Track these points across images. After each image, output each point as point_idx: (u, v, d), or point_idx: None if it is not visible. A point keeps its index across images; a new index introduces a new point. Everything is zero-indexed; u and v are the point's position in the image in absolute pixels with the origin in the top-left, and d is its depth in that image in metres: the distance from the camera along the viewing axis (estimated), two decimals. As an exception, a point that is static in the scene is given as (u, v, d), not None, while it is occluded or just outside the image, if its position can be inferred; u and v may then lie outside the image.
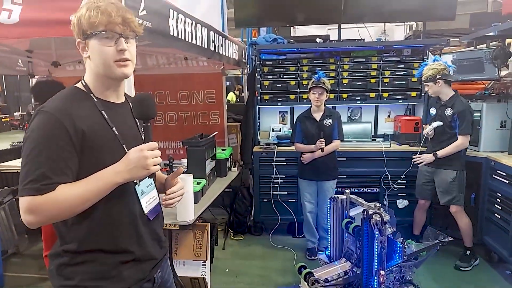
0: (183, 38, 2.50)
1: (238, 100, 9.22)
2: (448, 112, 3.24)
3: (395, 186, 3.96)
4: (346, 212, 2.55)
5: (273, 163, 4.03)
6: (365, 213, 2.16)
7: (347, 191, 2.56)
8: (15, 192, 3.74)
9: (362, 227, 2.21)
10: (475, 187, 3.57)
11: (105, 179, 1.11)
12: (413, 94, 4.08)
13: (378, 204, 2.23)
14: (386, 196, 3.83)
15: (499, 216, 3.24)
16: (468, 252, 3.34)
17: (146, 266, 1.29)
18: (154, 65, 4.59)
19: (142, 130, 1.25)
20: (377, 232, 2.10)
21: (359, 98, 4.16)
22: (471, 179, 3.44)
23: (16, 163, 4.12)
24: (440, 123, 3.27)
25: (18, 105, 15.78)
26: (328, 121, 3.42)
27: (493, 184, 3.36)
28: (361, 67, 4.10)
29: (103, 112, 1.20)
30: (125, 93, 1.36)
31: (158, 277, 1.36)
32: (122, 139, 1.22)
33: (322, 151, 3.32)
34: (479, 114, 3.67)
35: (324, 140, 3.30)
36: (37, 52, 3.88)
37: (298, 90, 4.19)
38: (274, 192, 4.09)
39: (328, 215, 2.67)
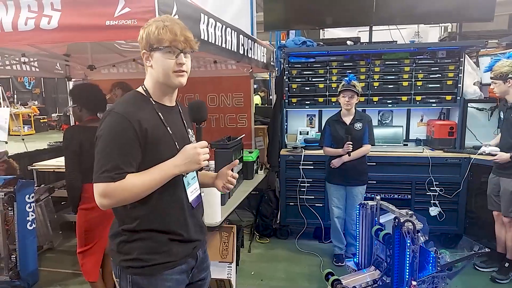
0: (213, 42, 2.52)
1: (267, 103, 9.21)
2: None
3: (427, 193, 3.82)
4: (376, 219, 2.49)
5: (300, 167, 3.99)
6: (397, 220, 2.09)
7: (378, 197, 2.49)
8: (51, 190, 3.90)
9: (393, 235, 2.14)
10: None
11: (165, 170, 1.32)
12: (448, 97, 3.92)
13: (410, 212, 2.16)
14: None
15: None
16: (507, 264, 3.16)
17: (191, 245, 1.48)
18: (184, 68, 4.67)
19: (194, 131, 1.49)
20: (409, 241, 2.03)
21: (390, 101, 4.05)
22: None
23: (53, 163, 4.31)
24: (496, 149, 3.09)
25: (56, 106, 16.51)
26: (358, 125, 3.35)
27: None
28: (393, 69, 3.99)
29: (160, 114, 1.38)
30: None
31: (199, 255, 1.55)
32: (174, 137, 1.40)
33: (349, 155, 3.25)
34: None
35: (352, 143, 3.23)
36: (74, 56, 4.05)
37: (327, 93, 4.14)
38: (300, 196, 4.05)
39: (357, 221, 2.61)
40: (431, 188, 3.80)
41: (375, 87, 4.05)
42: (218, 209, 2.61)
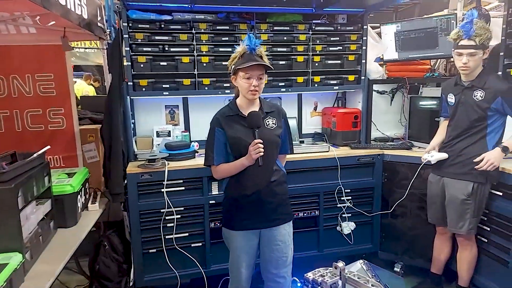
0: None
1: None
2: (478, 95, 2.21)
3: (338, 205, 2.86)
4: (338, 307, 1.23)
5: (164, 190, 2.47)
6: None
7: (340, 264, 1.24)
8: None
9: None
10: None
11: None
12: (351, 77, 3.03)
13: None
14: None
15: (486, 240, 2.39)
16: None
17: None
18: None
19: None
20: None
21: (283, 84, 2.91)
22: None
23: None
24: (445, 155, 2.34)
25: None
26: (271, 121, 1.94)
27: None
28: (285, 38, 2.85)
29: None
30: None
31: None
32: None
33: (260, 163, 1.77)
34: (435, 103, 2.86)
35: (262, 142, 1.79)
36: None
37: (195, 72, 2.70)
38: (167, 236, 2.54)
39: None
40: (341, 198, 2.86)
41: (262, 64, 2.83)
42: None
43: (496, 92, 2.16)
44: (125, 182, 2.49)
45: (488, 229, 2.36)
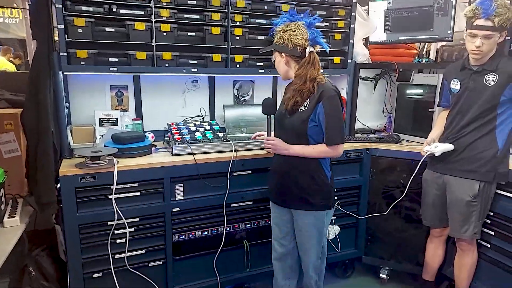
0: None
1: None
2: (491, 79, 1.92)
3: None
4: None
5: (112, 196, 1.88)
6: None
7: None
8: None
9: None
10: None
11: None
12: (336, 60, 2.62)
13: None
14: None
15: (489, 246, 2.16)
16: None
17: None
18: None
19: None
20: None
21: (261, 63, 2.41)
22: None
23: None
24: (451, 146, 2.04)
25: None
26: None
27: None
28: (265, 7, 2.34)
29: None
30: None
31: None
32: None
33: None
34: (422, 91, 2.57)
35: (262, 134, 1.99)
36: None
37: (153, 43, 2.10)
38: (116, 255, 1.97)
39: None
40: (326, 199, 2.48)
41: (237, 39, 2.31)
42: None
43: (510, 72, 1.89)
44: (58, 185, 1.86)
45: (492, 233, 2.13)
